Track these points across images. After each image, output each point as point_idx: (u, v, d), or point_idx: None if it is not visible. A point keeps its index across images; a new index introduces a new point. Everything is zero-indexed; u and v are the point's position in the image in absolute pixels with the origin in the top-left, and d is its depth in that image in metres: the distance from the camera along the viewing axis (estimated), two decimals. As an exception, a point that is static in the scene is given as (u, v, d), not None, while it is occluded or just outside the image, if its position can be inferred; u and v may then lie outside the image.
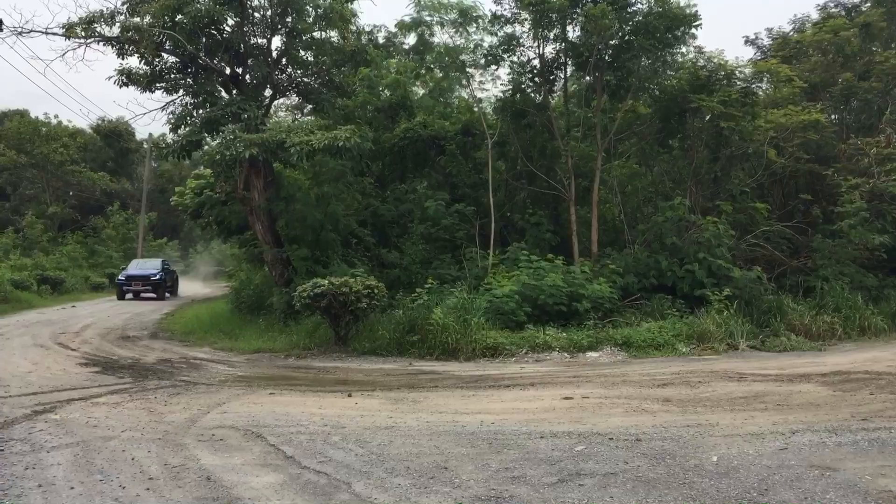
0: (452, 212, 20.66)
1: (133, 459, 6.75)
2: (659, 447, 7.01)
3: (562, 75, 21.38)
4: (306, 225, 19.11)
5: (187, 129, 18.84)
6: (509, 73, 21.10)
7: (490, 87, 47.90)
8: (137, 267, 34.72)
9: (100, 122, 49.59)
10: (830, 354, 14.19)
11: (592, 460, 6.62)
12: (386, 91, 24.24)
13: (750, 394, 9.83)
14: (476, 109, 22.79)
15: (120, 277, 33.61)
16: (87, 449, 7.14)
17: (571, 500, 5.56)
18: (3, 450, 7.07)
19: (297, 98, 22.99)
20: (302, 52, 20.37)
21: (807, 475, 6.08)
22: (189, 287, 40.06)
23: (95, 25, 18.10)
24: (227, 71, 19.52)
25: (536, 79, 20.76)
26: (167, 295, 33.81)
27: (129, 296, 32.61)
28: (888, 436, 7.26)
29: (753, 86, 20.52)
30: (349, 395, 10.17)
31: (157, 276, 33.15)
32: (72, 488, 5.92)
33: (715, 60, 19.96)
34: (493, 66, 21.13)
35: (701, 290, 16.87)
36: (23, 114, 47.60)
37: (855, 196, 18.79)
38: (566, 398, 9.66)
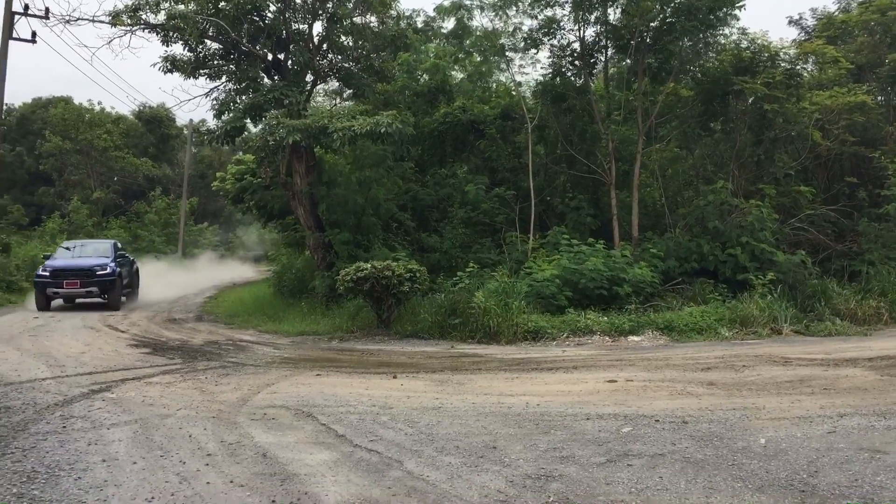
0: (492, 196, 20.69)
1: (190, 436, 6.97)
2: (706, 429, 7.04)
3: (602, 58, 21.28)
4: (347, 209, 19.30)
5: (230, 115, 19.11)
6: (549, 57, 21.03)
7: (530, 70, 47.61)
8: (74, 254, 22.17)
9: (141, 108, 50.29)
10: (877, 339, 14.01)
11: (640, 441, 6.68)
12: (425, 76, 24.28)
13: (796, 378, 9.79)
14: (515, 93, 22.73)
15: (41, 272, 20.71)
16: (145, 426, 7.37)
17: (621, 480, 5.64)
18: (65, 426, 7.33)
19: (338, 83, 23.12)
20: (342, 38, 20.51)
21: (856, 458, 6.08)
22: (232, 271, 40.26)
23: (141, 13, 18.42)
24: (269, 57, 19.74)
25: (577, 62, 20.67)
26: (123, 299, 22.00)
27: (59, 301, 21.13)
28: (939, 420, 7.21)
29: (798, 67, 20.18)
30: (394, 377, 10.32)
31: (109, 271, 20.84)
32: (134, 463, 6.13)
33: (758, 42, 19.67)
34: (533, 50, 21.06)
35: (744, 275, 16.73)
36: (67, 101, 48.41)
37: (902, 179, 18.47)
38: (610, 381, 9.71)
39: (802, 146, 20.20)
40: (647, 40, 19.04)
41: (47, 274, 20.41)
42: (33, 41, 24.18)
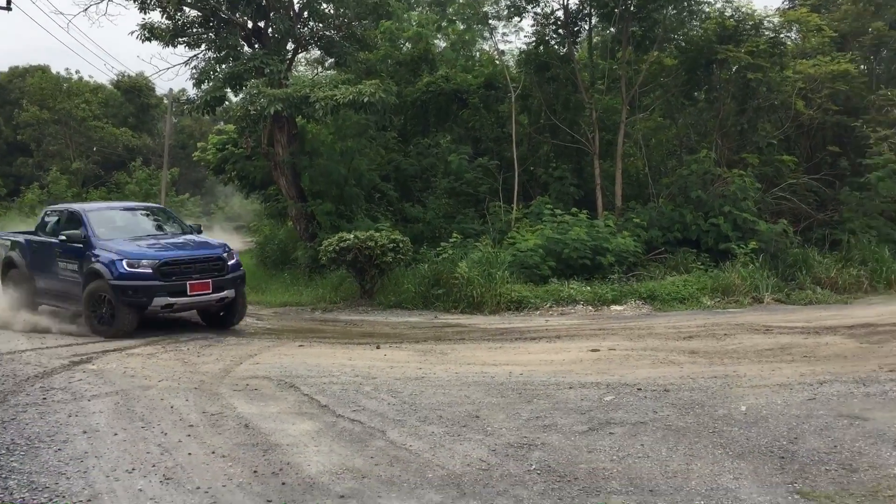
0: (475, 166, 20.60)
1: (172, 408, 6.94)
2: (687, 397, 7.09)
3: (586, 27, 21.10)
4: (330, 180, 19.19)
5: (210, 84, 18.85)
6: (533, 25, 20.87)
7: (513, 39, 47.50)
8: (129, 232, 12.63)
9: (120, 77, 49.58)
10: (857, 307, 14.13)
11: (622, 410, 6.71)
12: (407, 44, 24.03)
13: (776, 346, 9.86)
14: (499, 62, 22.58)
15: (127, 267, 11.25)
16: (126, 397, 7.34)
17: (603, 448, 5.67)
18: (45, 398, 7.28)
19: (319, 52, 22.83)
20: (323, 5, 20.18)
21: (836, 424, 6.14)
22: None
23: (117, -21, 18.07)
24: (249, 25, 19.41)
25: (560, 30, 20.48)
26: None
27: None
28: (917, 386, 7.28)
29: (782, 36, 20.11)
30: (377, 347, 10.32)
31: (236, 261, 12.48)
32: (115, 434, 6.11)
33: (742, 10, 19.54)
34: (517, 18, 21.00)
35: (726, 244, 16.80)
36: (44, 70, 47.60)
37: (883, 148, 18.48)
38: (593, 350, 9.74)
39: (785, 115, 20.18)
40: (632, 8, 18.85)
41: (150, 272, 11.31)
42: (8, 8, 23.64)
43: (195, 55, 19.59)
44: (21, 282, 13.10)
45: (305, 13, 20.10)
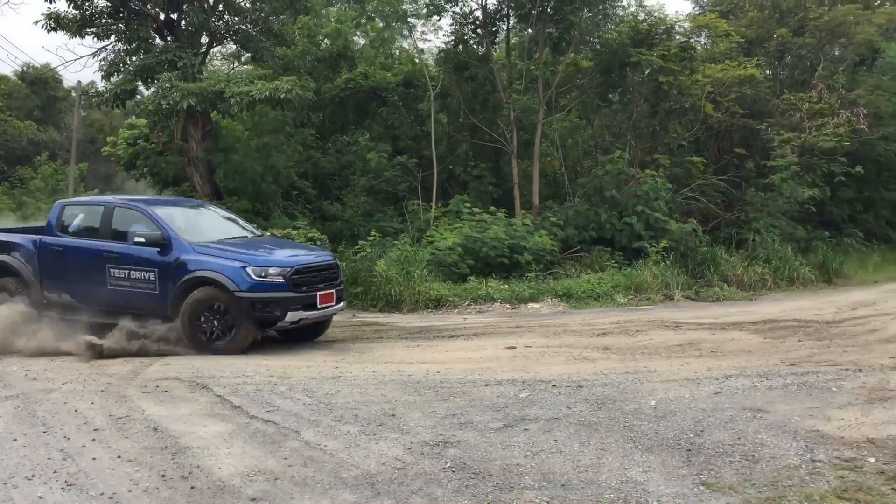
0: (395, 164, 20.53)
1: (76, 411, 6.69)
2: (600, 393, 7.22)
3: (504, 27, 21.32)
4: (246, 177, 18.84)
5: (120, 77, 18.24)
6: (452, 24, 21.04)
7: (432, 38, 47.47)
8: (228, 234, 11.22)
9: (24, 68, 47.54)
10: (761, 304, 14.71)
11: (536, 406, 6.79)
12: (326, 40, 23.76)
13: (685, 341, 10.17)
14: (418, 61, 22.58)
15: (263, 275, 9.67)
16: (27, 401, 7.04)
17: (517, 444, 5.72)
18: (-62, 404, 6.92)
19: (235, 46, 22.35)
20: (239, -2, 19.81)
21: (740, 417, 6.36)
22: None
23: (20, -35, 17.30)
24: (162, 17, 18.84)
25: (479, 30, 20.64)
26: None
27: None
28: (815, 379, 7.60)
29: (692, 40, 20.79)
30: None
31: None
32: (14, 440, 5.85)
33: (655, 14, 20.18)
34: (436, 17, 21.03)
35: (639, 243, 17.24)
36: (-58, 59, 45.41)
37: (787, 151, 19.28)
38: (509, 347, 9.84)
39: (695, 118, 20.85)
40: (549, 10, 19.12)
41: (282, 282, 9.78)
42: None
43: (104, 47, 18.89)
44: (21, 293, 10.76)
45: (220, 6, 19.63)
